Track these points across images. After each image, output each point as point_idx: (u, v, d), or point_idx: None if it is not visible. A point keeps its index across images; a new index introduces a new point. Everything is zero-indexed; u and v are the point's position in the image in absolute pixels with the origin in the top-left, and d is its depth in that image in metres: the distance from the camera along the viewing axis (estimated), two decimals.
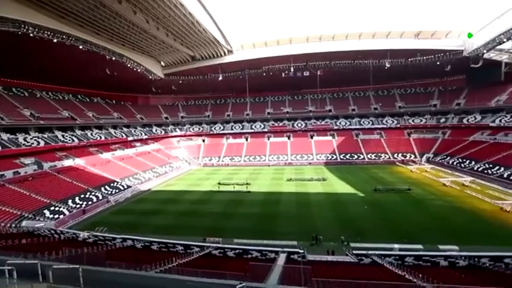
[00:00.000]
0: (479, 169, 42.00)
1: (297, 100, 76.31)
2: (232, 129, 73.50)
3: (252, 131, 72.09)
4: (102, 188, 38.34)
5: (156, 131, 69.74)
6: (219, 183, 42.35)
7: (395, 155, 58.29)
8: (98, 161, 47.07)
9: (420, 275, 13.02)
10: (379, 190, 35.63)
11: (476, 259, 16.90)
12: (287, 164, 60.82)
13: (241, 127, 73.41)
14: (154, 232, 24.71)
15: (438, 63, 52.06)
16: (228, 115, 75.80)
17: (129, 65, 48.15)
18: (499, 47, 45.18)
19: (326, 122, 69.73)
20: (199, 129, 74.30)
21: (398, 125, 64.75)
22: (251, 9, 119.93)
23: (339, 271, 14.89)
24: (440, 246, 19.80)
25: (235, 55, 55.43)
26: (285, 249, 18.53)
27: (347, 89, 74.37)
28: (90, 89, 61.57)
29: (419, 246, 19.95)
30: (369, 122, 67.10)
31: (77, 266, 7.46)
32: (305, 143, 66.85)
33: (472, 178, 38.65)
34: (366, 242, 21.14)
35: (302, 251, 18.64)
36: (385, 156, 58.59)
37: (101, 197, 36.03)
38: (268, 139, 70.14)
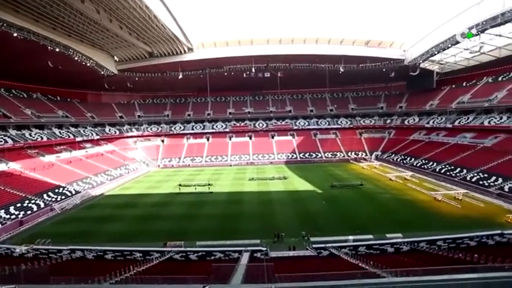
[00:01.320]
0: (418, 164, 47.55)
1: (258, 101, 77.43)
2: (193, 129, 71.62)
3: (214, 131, 71.17)
4: (45, 195, 34.19)
5: (109, 131, 64.59)
6: (180, 185, 40.97)
7: (349, 153, 62.81)
8: (38, 165, 41.79)
9: (371, 262, 14.32)
10: (335, 186, 38.05)
11: (416, 244, 19.16)
12: (249, 163, 61.40)
13: (202, 127, 71.96)
14: (109, 240, 22.90)
15: (384, 70, 57.63)
16: (189, 115, 73.67)
17: (76, 58, 43.73)
18: (431, 58, 51.88)
19: (286, 122, 72.07)
20: (158, 129, 70.83)
21: (352, 126, 69.90)
22: (212, 8, 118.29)
23: (300, 265, 15.60)
24: (388, 235, 21.88)
25: (195, 53, 54.20)
26: (248, 248, 18.71)
27: (305, 91, 77.84)
28: (29, 84, 54.17)
29: (370, 236, 21.80)
30: (326, 123, 71.18)
31: (13, 286, 6.57)
32: (266, 142, 68.22)
33: (412, 173, 43.55)
34: (324, 235, 22.35)
35: (265, 249, 19.05)
36: (340, 155, 62.77)
37: (43, 205, 32.07)
38: (230, 139, 69.97)
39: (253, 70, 58.85)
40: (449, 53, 50.28)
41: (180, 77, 58.85)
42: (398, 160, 53.25)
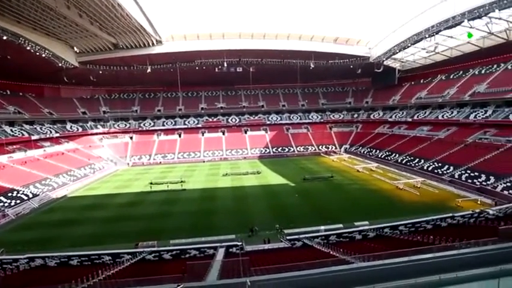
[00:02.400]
0: (382, 156, 50.80)
1: (230, 96, 76.81)
2: (164, 125, 69.16)
3: (186, 126, 69.40)
4: None
5: (71, 128, 59.99)
6: (151, 183, 39.54)
7: (320, 147, 65.09)
8: None
9: (341, 250, 15.15)
10: (308, 179, 39.33)
11: (381, 230, 20.61)
12: (222, 159, 61.02)
13: (173, 123, 69.77)
14: (74, 245, 21.52)
15: (351, 66, 60.24)
16: (159, 110, 70.93)
17: (29, 48, 39.71)
18: (393, 56, 55.30)
19: (259, 117, 72.52)
20: (126, 125, 67.32)
21: (322, 120, 72.35)
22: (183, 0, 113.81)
23: (275, 257, 16.01)
24: (356, 223, 23.22)
25: (164, 46, 52.08)
26: (223, 244, 18.76)
27: (277, 86, 78.78)
28: None
29: (340, 225, 22.97)
30: (298, 117, 72.86)
31: None
32: (239, 138, 68.18)
33: (377, 164, 46.44)
34: (297, 227, 23.06)
35: (240, 243, 19.23)
36: (312, 148, 64.82)
37: None
38: (203, 135, 68.82)
39: (225, 65, 58.13)
40: (409, 52, 54.03)
41: (149, 70, 56.26)
42: (365, 152, 56.38)
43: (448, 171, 36.41)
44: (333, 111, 73.77)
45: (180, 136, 68.29)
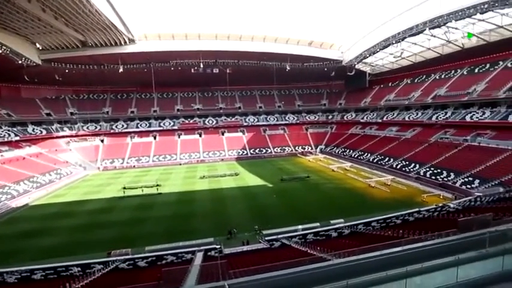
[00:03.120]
0: (355, 156, 53.02)
1: (207, 97, 75.93)
2: (137, 127, 66.61)
3: (161, 128, 67.40)
4: None
5: (33, 130, 55.61)
6: (124, 188, 37.86)
7: (296, 148, 66.40)
8: None
9: (318, 248, 15.60)
10: (285, 180, 39.95)
11: (355, 227, 21.50)
12: (199, 161, 60.09)
13: (148, 125, 67.45)
14: (38, 258, 19.97)
15: (325, 69, 62.26)
16: (132, 112, 68.22)
17: None
18: (364, 60, 58.10)
19: (236, 118, 72.42)
20: (96, 127, 63.86)
21: (298, 121, 73.88)
22: None
23: (254, 258, 16.07)
24: (332, 221, 23.93)
25: (138, 45, 50.28)
26: (201, 248, 18.46)
27: (254, 88, 79.24)
28: None
29: (317, 224, 23.55)
30: (274, 119, 73.80)
31: None
32: (217, 139, 67.57)
33: (351, 163, 48.39)
34: (276, 227, 23.26)
35: (219, 246, 19.05)
36: (289, 149, 65.94)
37: None
38: (179, 137, 67.26)
39: (202, 65, 57.47)
40: (378, 57, 57.11)
41: (121, 70, 53.95)
42: (340, 152, 58.48)
43: (414, 169, 38.89)
44: (308, 112, 75.66)
45: (155, 138, 66.16)
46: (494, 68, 42.78)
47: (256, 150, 64.49)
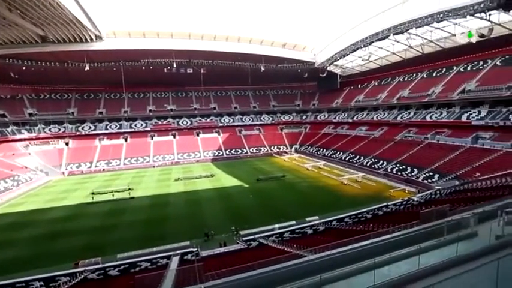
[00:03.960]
0: (329, 154, 54.97)
1: (181, 97, 74.25)
2: (107, 128, 63.27)
3: (132, 130, 64.66)
4: None
5: None
6: (93, 193, 35.81)
7: (272, 148, 67.24)
8: None
9: (295, 245, 15.99)
10: (261, 179, 40.32)
11: (329, 223, 22.31)
12: (174, 163, 58.57)
13: (118, 126, 64.35)
14: None
15: (299, 70, 63.81)
16: (101, 112, 64.66)
17: None
18: (335, 62, 60.44)
19: (211, 119, 71.64)
20: (59, 129, 59.57)
21: (273, 122, 74.89)
22: None
23: (231, 259, 16.07)
24: (307, 219, 24.56)
25: (105, 43, 47.83)
26: (177, 252, 18.05)
27: (229, 88, 78.96)
28: None
29: (293, 222, 24.01)
30: (250, 119, 74.12)
31: None
32: (192, 140, 66.33)
33: (324, 162, 50.07)
34: (253, 227, 23.38)
35: (196, 249, 18.76)
36: (264, 149, 66.59)
37: None
38: (152, 138, 64.99)
39: (175, 65, 56.05)
40: (348, 60, 59.68)
41: (87, 68, 50.82)
42: (314, 152, 60.24)
43: (382, 165, 41.26)
44: (283, 113, 76.97)
45: (126, 140, 63.27)
46: (450, 72, 46.75)
47: (232, 151, 64.30)
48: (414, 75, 54.25)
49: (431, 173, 33.97)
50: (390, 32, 41.64)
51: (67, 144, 58.83)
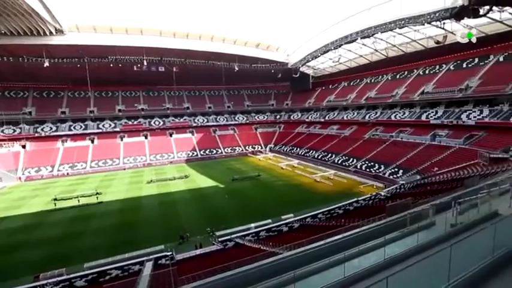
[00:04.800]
0: (302, 153, 56.40)
1: (153, 96, 71.66)
2: (70, 129, 59.10)
3: (100, 131, 61.10)
4: None
5: None
6: (55, 199, 33.27)
7: (246, 147, 67.42)
8: None
9: (271, 243, 16.26)
10: (236, 179, 40.27)
11: (303, 220, 22.94)
12: (146, 165, 56.40)
13: (83, 127, 60.42)
14: None
15: (273, 71, 64.68)
16: (63, 112, 60.26)
17: None
18: (307, 63, 62.18)
19: (185, 119, 70.05)
20: (15, 131, 54.46)
21: (248, 121, 75.10)
22: None
23: (207, 261, 15.93)
24: (283, 217, 25.03)
25: (67, 37, 44.75)
26: (151, 257, 17.49)
27: (203, 88, 77.76)
28: None
29: (269, 221, 24.33)
30: (224, 119, 73.62)
31: None
32: (164, 141, 64.33)
33: (298, 161, 51.30)
34: (229, 228, 23.35)
35: (170, 253, 18.29)
36: (239, 149, 66.56)
37: None
38: (122, 139, 61.96)
39: (145, 63, 53.94)
40: (320, 61, 61.74)
41: (47, 64, 47.11)
42: (288, 151, 61.43)
43: (352, 163, 43.27)
44: (257, 112, 77.49)
45: (93, 142, 59.60)
46: (411, 75, 50.30)
47: (207, 151, 63.44)
48: (380, 77, 57.54)
49: (396, 169, 36.33)
50: (358, 36, 43.78)
51: (24, 146, 53.91)
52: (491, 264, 4.65)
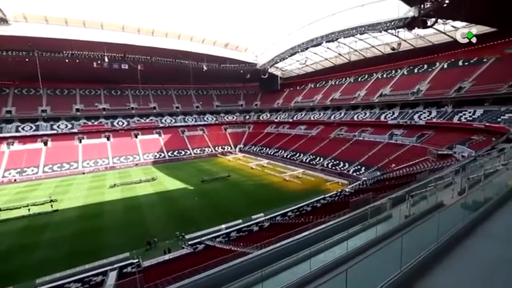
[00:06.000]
0: (271, 153, 57.36)
1: (115, 95, 67.58)
2: (18, 130, 53.26)
3: (54, 132, 55.95)
4: None
5: None
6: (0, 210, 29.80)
7: (216, 148, 66.69)
8: None
9: (241, 243, 16.33)
10: (206, 181, 39.68)
11: (273, 219, 23.38)
12: (109, 168, 52.98)
13: (34, 128, 54.84)
14: None
15: (242, 71, 64.81)
16: (9, 111, 54.16)
17: None
18: (276, 65, 63.42)
19: (151, 119, 67.15)
20: None
21: (217, 122, 74.31)
22: None
23: (176, 266, 15.51)
24: (253, 216, 25.26)
25: (13, 27, 40.37)
26: (115, 266, 16.56)
27: (170, 87, 75.27)
28: None
29: (240, 221, 24.42)
30: (193, 119, 72.00)
31: None
32: (129, 143, 61.03)
33: (268, 160, 52.05)
34: (199, 230, 22.93)
35: (136, 261, 17.47)
36: (209, 150, 65.61)
37: None
38: (80, 141, 57.45)
39: (106, 60, 50.59)
40: (288, 63, 63.34)
41: None
42: (257, 151, 62.03)
43: (319, 161, 45.10)
44: (226, 113, 77.04)
45: (46, 144, 54.35)
46: (371, 78, 53.90)
47: (175, 153, 61.51)
48: (344, 79, 60.73)
49: (359, 166, 38.68)
50: (323, 40, 45.76)
51: None
52: (435, 250, 5.22)
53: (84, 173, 49.88)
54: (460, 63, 39.68)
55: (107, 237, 23.50)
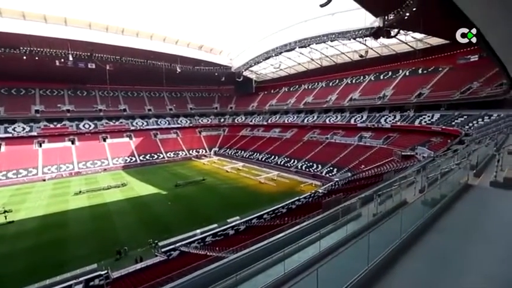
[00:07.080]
0: (247, 156, 57.48)
1: (81, 96, 63.56)
2: None
3: (9, 135, 51.08)
4: None
5: None
6: None
7: (190, 151, 65.33)
8: None
9: (217, 248, 16.14)
10: (180, 185, 38.68)
11: (249, 221, 23.42)
12: (74, 174, 49.51)
13: None
14: None
15: (216, 74, 64.42)
16: None
17: None
18: (250, 68, 63.99)
19: (121, 122, 64.09)
20: None
21: (191, 125, 72.91)
22: None
23: (149, 275, 14.91)
24: (229, 220, 25.07)
25: None
26: (81, 279, 15.50)
27: (142, 89, 72.55)
28: None
29: (215, 225, 24.10)
30: (166, 122, 69.91)
31: None
32: (97, 146, 57.62)
33: (243, 163, 52.10)
34: (173, 236, 22.26)
35: (105, 272, 16.50)
36: (183, 153, 64.07)
37: None
38: (41, 145, 53.08)
39: (71, 58, 47.46)
40: (262, 66, 64.17)
41: None
42: (232, 154, 61.81)
43: (293, 164, 46.07)
44: (201, 115, 75.91)
45: None
46: (341, 83, 56.43)
47: (147, 157, 59.19)
48: (316, 84, 62.85)
49: (331, 168, 40.14)
50: (296, 45, 47.11)
51: None
52: (398, 246, 5.62)
53: (44, 180, 46.07)
54: (420, 71, 43.08)
55: (71, 248, 21.92)
